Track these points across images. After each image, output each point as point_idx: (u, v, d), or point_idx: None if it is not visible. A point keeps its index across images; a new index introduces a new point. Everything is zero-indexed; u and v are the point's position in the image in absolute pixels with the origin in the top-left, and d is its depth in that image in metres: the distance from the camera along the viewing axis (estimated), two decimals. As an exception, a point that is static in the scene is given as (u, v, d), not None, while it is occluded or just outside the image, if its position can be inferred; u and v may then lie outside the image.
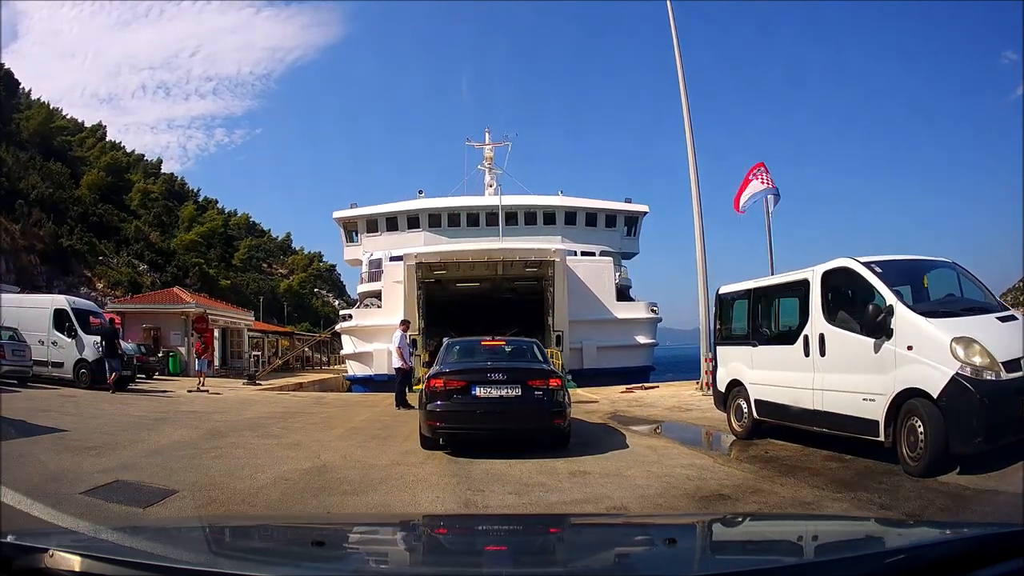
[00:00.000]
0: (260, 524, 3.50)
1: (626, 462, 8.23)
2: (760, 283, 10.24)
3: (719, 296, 11.17)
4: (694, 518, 4.69)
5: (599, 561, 2.35)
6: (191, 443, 9.71)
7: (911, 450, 7.02)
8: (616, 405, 15.69)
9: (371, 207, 36.22)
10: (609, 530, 3.09)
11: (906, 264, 8.44)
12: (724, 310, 11.10)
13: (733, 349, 10.64)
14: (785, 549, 2.47)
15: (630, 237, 36.55)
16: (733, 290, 10.85)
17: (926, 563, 1.85)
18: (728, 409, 10.61)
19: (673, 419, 13.21)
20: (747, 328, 10.35)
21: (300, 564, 2.07)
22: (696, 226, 18.97)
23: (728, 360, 10.73)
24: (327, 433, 11.20)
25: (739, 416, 10.31)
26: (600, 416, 13.60)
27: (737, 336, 10.67)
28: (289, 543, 2.59)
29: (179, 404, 16.48)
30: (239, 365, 33.60)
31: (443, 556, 2.51)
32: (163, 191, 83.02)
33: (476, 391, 8.61)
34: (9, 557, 1.74)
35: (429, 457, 8.57)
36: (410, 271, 26.72)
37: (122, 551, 1.90)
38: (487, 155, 38.45)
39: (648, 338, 30.37)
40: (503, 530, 3.06)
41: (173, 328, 31.64)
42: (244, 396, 19.95)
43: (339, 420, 13.35)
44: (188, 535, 2.52)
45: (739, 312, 10.73)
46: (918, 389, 6.90)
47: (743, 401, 10.19)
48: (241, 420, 12.89)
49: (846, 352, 8.07)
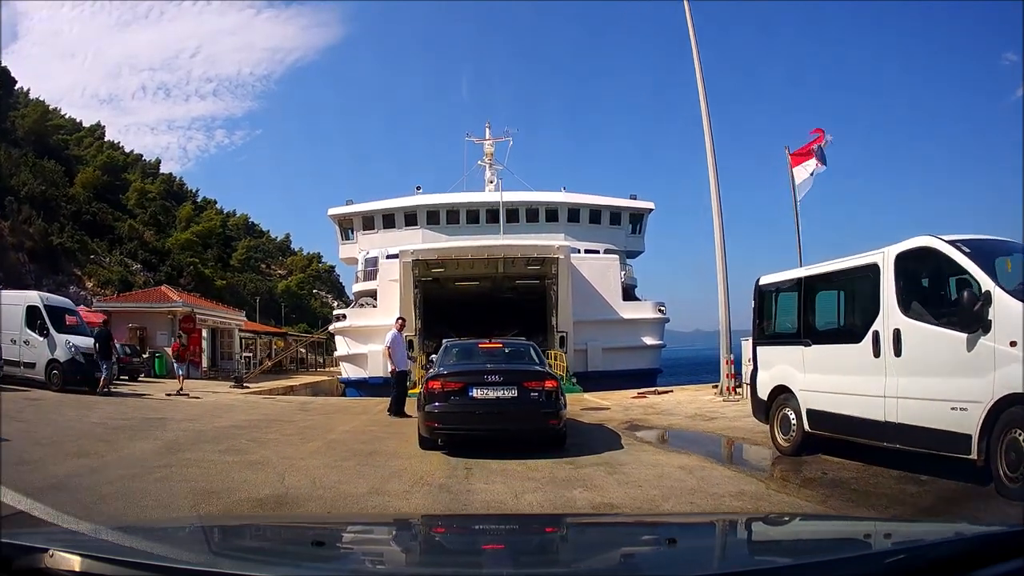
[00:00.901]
0: (260, 524, 3.51)
1: (660, 490, 6.59)
2: (813, 270, 8.60)
3: (759, 288, 9.50)
4: (694, 518, 4.59)
5: (599, 561, 2.25)
6: (140, 459, 8.21)
7: (1011, 469, 5.63)
8: (630, 412, 14.04)
9: (367, 204, 34.59)
10: (609, 530, 2.99)
11: (990, 244, 6.82)
12: (766, 304, 9.45)
13: (778, 350, 9.00)
14: (785, 549, 2.43)
15: (635, 235, 34.84)
16: (778, 280, 9.20)
17: (926, 563, 1.81)
18: (772, 420, 8.97)
19: (697, 429, 11.58)
20: (797, 324, 8.70)
21: (300, 564, 2.07)
22: (715, 219, 17.36)
23: (772, 363, 9.09)
24: (302, 448, 9.54)
25: (785, 429, 8.69)
26: (616, 425, 11.97)
27: (784, 334, 9.03)
28: (289, 543, 2.55)
29: (149, 410, 14.83)
30: (229, 367, 31.94)
31: (443, 556, 2.45)
32: (161, 191, 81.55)
33: (473, 392, 8.62)
34: (9, 557, 1.69)
35: (416, 484, 6.91)
36: (406, 268, 25.08)
37: (122, 551, 1.84)
38: (487, 151, 36.84)
39: (656, 339, 28.72)
40: (503, 530, 2.98)
41: (160, 328, 30.01)
42: (225, 401, 18.28)
43: (320, 430, 11.70)
44: (188, 535, 2.45)
45: (786, 306, 9.09)
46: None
47: (790, 411, 8.58)
48: (209, 430, 11.23)
49: (928, 351, 6.53)
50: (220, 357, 33.34)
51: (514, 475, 7.28)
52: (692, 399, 16.15)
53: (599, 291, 27.46)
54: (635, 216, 34.75)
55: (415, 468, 7.81)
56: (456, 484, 6.90)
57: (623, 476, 7.25)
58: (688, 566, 2.08)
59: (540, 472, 7.42)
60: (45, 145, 65.55)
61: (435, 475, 7.36)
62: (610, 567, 2.17)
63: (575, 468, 7.68)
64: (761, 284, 9.49)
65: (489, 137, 37.25)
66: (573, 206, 33.20)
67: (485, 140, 37.15)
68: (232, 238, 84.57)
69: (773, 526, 3.04)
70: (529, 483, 6.87)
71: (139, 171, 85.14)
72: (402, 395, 13.53)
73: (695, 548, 2.39)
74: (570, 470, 7.57)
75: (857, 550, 2.20)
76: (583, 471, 7.50)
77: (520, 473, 7.39)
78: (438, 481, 7.04)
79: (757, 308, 9.58)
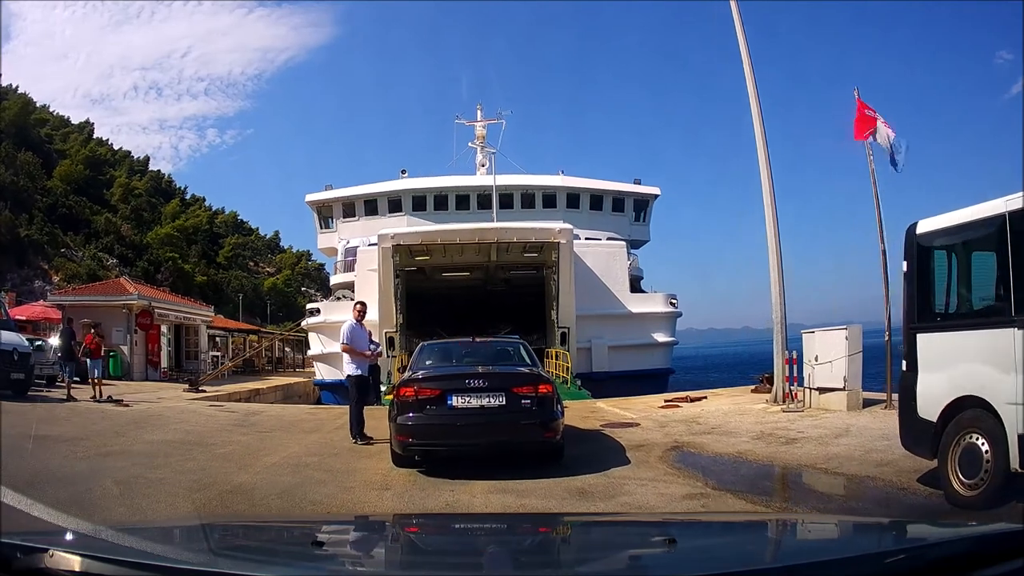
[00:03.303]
0: (259, 524, 3.41)
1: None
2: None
3: (916, 240, 5.69)
4: (694, 518, 4.36)
5: (598, 561, 2.15)
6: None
7: None
8: (668, 430, 10.18)
9: (347, 189, 30.63)
10: (609, 530, 2.79)
11: None
12: (933, 264, 5.65)
13: (960, 339, 5.27)
14: (785, 549, 2.38)
15: (639, 223, 30.90)
16: (957, 223, 5.40)
17: (926, 563, 1.76)
18: (946, 453, 5.21)
19: (784, 461, 7.76)
20: (1001, 294, 4.96)
21: (299, 564, 2.02)
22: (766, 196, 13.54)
23: (947, 360, 5.35)
24: (202, 492, 5.68)
25: (970, 466, 4.98)
26: (661, 451, 8.16)
27: (971, 314, 5.28)
28: (288, 543, 2.46)
29: (47, 422, 11.07)
30: (194, 368, 27.84)
31: (443, 556, 2.33)
32: (148, 188, 77.10)
33: (453, 401, 7.21)
34: (9, 557, 1.64)
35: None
36: (386, 254, 21.11)
37: (122, 551, 1.78)
38: (479, 133, 32.83)
39: (667, 336, 24.84)
40: (503, 530, 2.82)
41: (115, 323, 25.79)
42: (156, 410, 14.30)
43: (235, 463, 7.85)
44: (188, 535, 2.39)
45: (975, 264, 5.33)
46: None
47: (982, 438, 4.90)
48: (92, 457, 7.51)
49: None
50: (186, 357, 29.20)
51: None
52: (737, 407, 12.32)
53: (604, 282, 23.61)
54: (639, 202, 30.88)
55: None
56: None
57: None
58: (688, 566, 1.96)
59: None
60: (26, 138, 61.25)
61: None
62: (609, 567, 2.09)
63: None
64: (922, 232, 5.66)
65: (481, 119, 33.30)
66: (572, 191, 29.31)
67: (476, 122, 33.15)
68: (220, 235, 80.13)
69: (773, 526, 2.93)
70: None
71: (126, 168, 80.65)
72: (360, 410, 9.56)
73: (695, 548, 2.28)
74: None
75: (857, 550, 2.10)
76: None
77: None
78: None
79: (914, 272, 5.74)
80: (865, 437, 8.79)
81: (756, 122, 14.05)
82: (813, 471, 7.29)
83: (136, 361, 25.70)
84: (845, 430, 9.31)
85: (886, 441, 8.19)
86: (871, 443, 8.33)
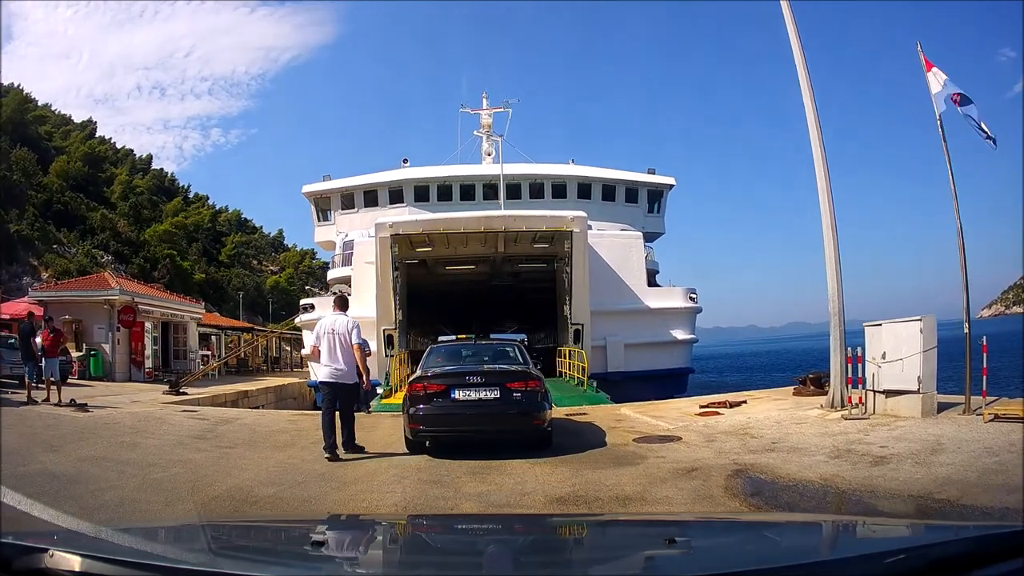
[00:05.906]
0: (259, 524, 3.39)
1: None
2: None
3: None
4: (694, 518, 4.24)
5: (599, 561, 2.13)
6: None
7: None
8: (720, 446, 8.16)
9: (346, 179, 28.68)
10: (608, 530, 2.81)
11: None
12: None
13: None
14: (785, 549, 2.26)
15: (653, 214, 28.85)
16: None
17: (926, 563, 1.69)
18: None
19: (889, 489, 5.76)
20: None
21: (299, 564, 2.00)
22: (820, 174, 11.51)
23: None
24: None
25: None
26: (722, 485, 6.15)
27: None
28: (288, 543, 2.45)
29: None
30: (182, 367, 25.96)
31: (442, 557, 2.29)
32: (150, 186, 75.50)
33: (455, 394, 8.11)
34: (9, 557, 1.61)
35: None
36: (384, 245, 19.18)
37: (122, 551, 1.77)
38: (484, 122, 30.85)
39: (687, 333, 22.81)
40: (503, 530, 2.78)
41: (97, 321, 23.96)
42: (117, 416, 12.42)
43: (183, 488, 6.06)
44: (188, 535, 2.37)
45: None
46: None
47: None
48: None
49: None
50: (174, 356, 27.27)
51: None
52: (789, 415, 10.29)
53: (620, 275, 21.61)
54: (654, 193, 28.85)
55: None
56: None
57: None
58: (687, 566, 1.98)
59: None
60: (24, 135, 59.65)
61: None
62: (610, 567, 2.06)
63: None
64: None
65: (487, 107, 31.31)
66: (584, 180, 27.32)
67: (482, 111, 31.19)
68: (222, 233, 78.49)
69: (773, 526, 2.86)
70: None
71: (128, 166, 79.03)
72: (334, 419, 7.86)
73: (694, 548, 2.25)
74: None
75: (857, 550, 2.08)
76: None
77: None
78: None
79: None
80: (966, 453, 6.91)
81: (805, 90, 12.05)
82: (934, 503, 5.34)
83: (119, 360, 23.78)
84: (936, 444, 7.38)
85: (995, 457, 6.60)
86: (977, 460, 6.57)
